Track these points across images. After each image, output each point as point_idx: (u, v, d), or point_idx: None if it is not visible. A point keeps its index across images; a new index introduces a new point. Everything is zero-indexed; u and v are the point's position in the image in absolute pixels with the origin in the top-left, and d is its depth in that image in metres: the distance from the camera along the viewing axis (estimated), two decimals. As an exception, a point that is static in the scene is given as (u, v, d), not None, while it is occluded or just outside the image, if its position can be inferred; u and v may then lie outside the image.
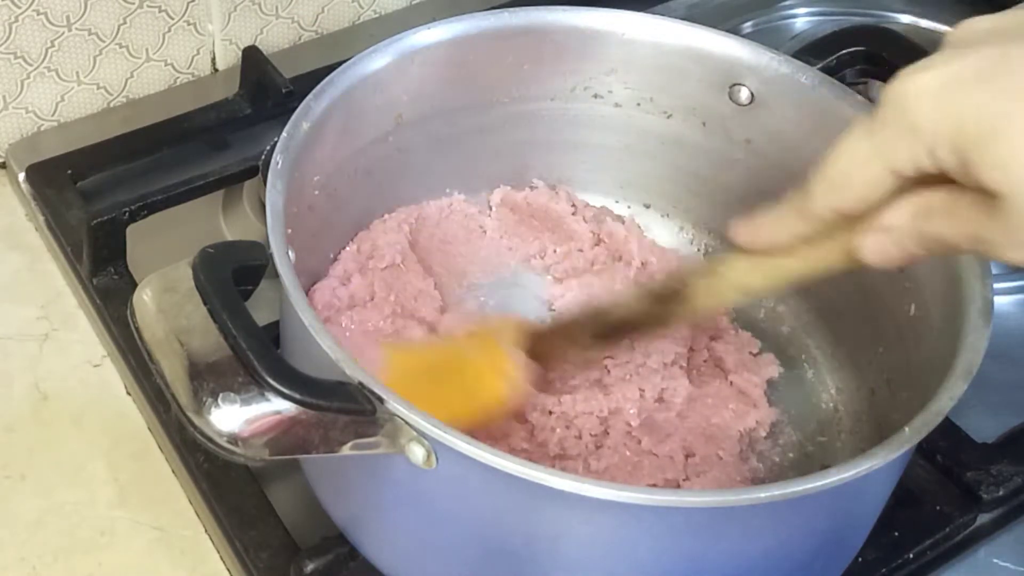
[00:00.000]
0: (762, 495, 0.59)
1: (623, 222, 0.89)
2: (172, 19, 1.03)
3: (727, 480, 0.75)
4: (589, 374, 0.79)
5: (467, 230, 0.88)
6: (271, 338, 0.64)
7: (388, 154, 0.82)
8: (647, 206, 0.90)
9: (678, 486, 0.74)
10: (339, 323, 0.79)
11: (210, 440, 0.58)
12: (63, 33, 0.98)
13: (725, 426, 0.78)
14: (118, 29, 1.01)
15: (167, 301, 0.62)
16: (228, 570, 0.77)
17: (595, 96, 0.85)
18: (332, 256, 0.83)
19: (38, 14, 0.96)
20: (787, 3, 1.17)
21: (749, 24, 1.14)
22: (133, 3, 1.00)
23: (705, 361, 0.82)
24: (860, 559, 0.74)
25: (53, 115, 1.03)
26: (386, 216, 0.85)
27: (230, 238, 0.96)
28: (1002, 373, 0.83)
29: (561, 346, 0.76)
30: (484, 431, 0.73)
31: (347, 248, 0.84)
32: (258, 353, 0.59)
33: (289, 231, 0.68)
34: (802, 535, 0.66)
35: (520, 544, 0.63)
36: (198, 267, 0.62)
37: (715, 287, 0.68)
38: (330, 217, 0.80)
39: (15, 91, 0.99)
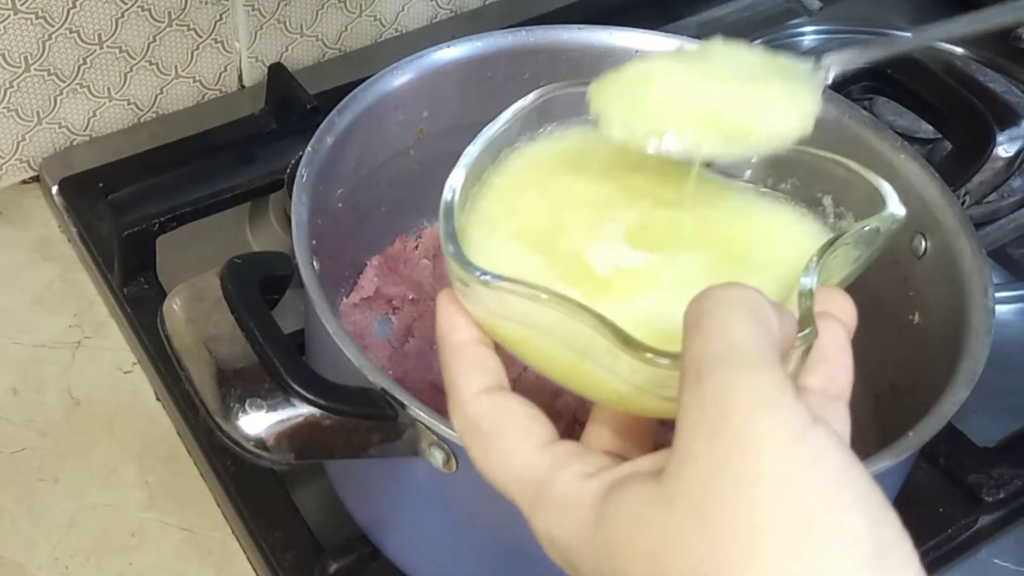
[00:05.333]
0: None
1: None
2: (200, 37, 1.04)
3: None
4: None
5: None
6: (296, 346, 0.65)
7: (409, 168, 0.83)
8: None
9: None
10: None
11: (237, 444, 0.59)
12: (95, 51, 0.99)
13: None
14: (148, 47, 1.02)
15: (196, 310, 0.62)
16: (254, 570, 0.78)
17: (610, 111, 0.86)
18: (356, 266, 0.85)
19: (71, 32, 0.97)
20: (795, 22, 1.18)
21: (758, 42, 1.13)
22: (163, 21, 1.01)
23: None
24: (864, 560, 0.75)
25: (85, 130, 1.04)
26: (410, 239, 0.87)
27: (256, 249, 0.96)
28: (1003, 379, 0.83)
29: None
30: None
31: (371, 261, 0.85)
32: (284, 360, 0.59)
33: (314, 242, 0.69)
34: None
35: (537, 546, 0.63)
36: (226, 277, 0.63)
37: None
38: (354, 229, 0.81)
39: (48, 107, 1.00)
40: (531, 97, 0.58)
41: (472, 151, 0.55)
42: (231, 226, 0.98)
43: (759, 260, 0.54)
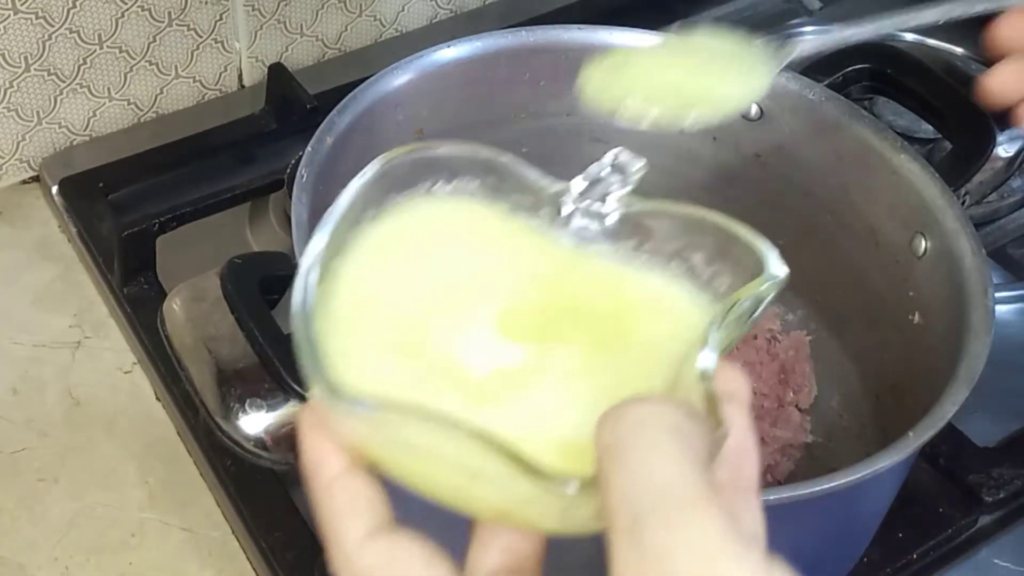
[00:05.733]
0: (771, 498, 0.60)
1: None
2: (200, 37, 1.04)
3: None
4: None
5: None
6: None
7: (409, 168, 0.83)
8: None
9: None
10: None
11: (237, 444, 0.59)
12: (95, 51, 1.00)
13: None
14: (148, 47, 1.02)
15: (196, 310, 0.63)
16: (254, 570, 0.78)
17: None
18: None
19: (71, 32, 0.97)
20: (795, 22, 1.18)
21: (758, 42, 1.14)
22: (163, 22, 1.01)
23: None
24: (865, 559, 0.75)
25: (85, 130, 1.04)
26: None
27: (256, 249, 0.96)
28: (1003, 379, 0.83)
29: None
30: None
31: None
32: (284, 360, 0.59)
33: (314, 242, 0.69)
34: (809, 536, 0.67)
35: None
36: (226, 277, 0.63)
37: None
38: None
39: (48, 107, 1.00)
40: (372, 167, 0.51)
41: (319, 242, 0.48)
42: (231, 226, 0.98)
43: (638, 338, 0.50)
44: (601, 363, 0.48)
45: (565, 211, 0.52)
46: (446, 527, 0.43)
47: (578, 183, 0.52)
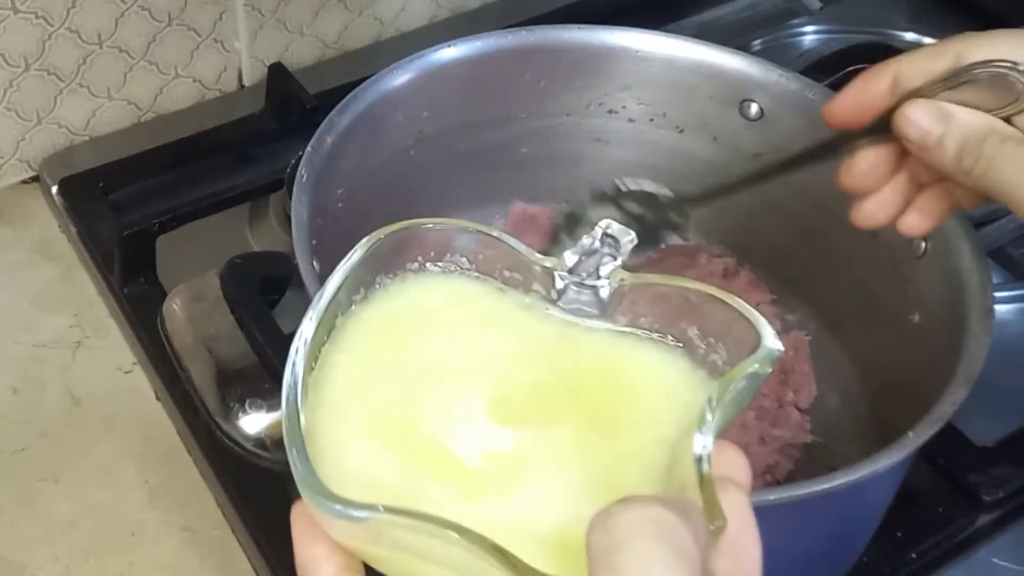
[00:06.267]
0: (771, 497, 0.60)
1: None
2: (200, 37, 1.04)
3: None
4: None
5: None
6: None
7: (409, 168, 0.83)
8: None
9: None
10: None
11: (237, 444, 0.59)
12: (95, 51, 0.99)
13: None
14: (148, 47, 1.02)
15: (196, 310, 0.63)
16: (254, 569, 0.78)
17: (609, 111, 0.86)
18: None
19: (71, 32, 0.97)
20: (795, 22, 1.18)
21: (758, 42, 1.14)
22: (162, 21, 1.01)
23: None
24: (864, 558, 0.75)
25: (85, 130, 1.04)
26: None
27: (256, 249, 0.96)
28: (1002, 379, 0.82)
29: None
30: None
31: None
32: (284, 360, 0.59)
33: (314, 242, 0.69)
34: (809, 535, 0.67)
35: None
36: (226, 277, 0.63)
37: None
38: (354, 228, 0.78)
39: (48, 107, 1.00)
40: (359, 249, 0.50)
41: (307, 329, 0.47)
42: (231, 226, 0.98)
43: (633, 417, 0.49)
44: (595, 446, 0.48)
45: (558, 286, 0.51)
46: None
47: (570, 257, 0.51)
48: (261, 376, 0.60)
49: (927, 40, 1.13)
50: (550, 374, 0.51)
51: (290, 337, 0.45)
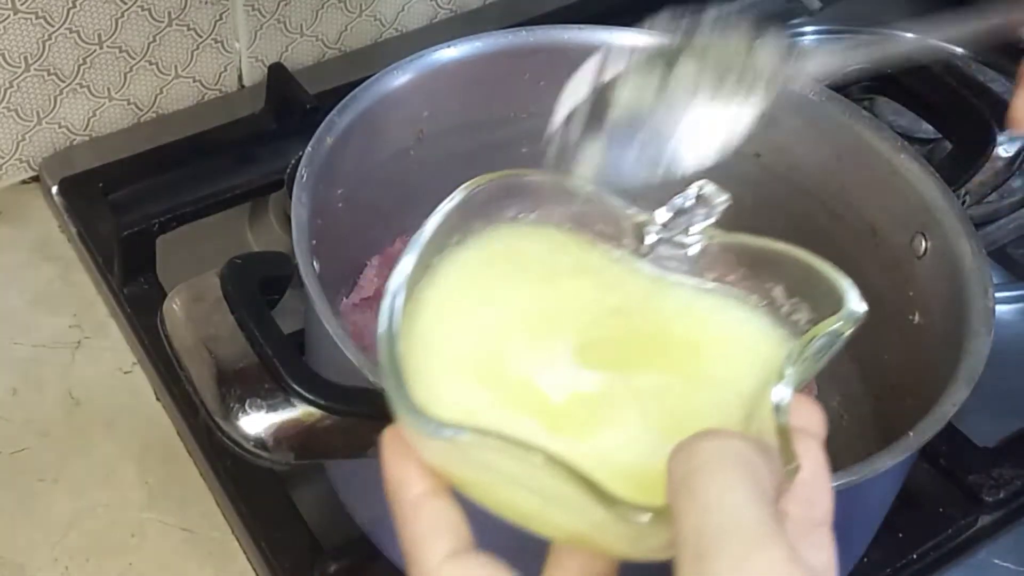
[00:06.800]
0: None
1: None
2: (200, 37, 1.04)
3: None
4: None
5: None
6: (296, 346, 0.65)
7: (410, 168, 0.83)
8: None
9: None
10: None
11: (237, 444, 0.59)
12: (95, 51, 1.00)
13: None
14: (148, 47, 1.02)
15: (196, 310, 0.63)
16: (254, 570, 0.78)
17: (610, 111, 0.86)
18: (356, 267, 0.85)
19: (71, 32, 0.97)
20: (795, 22, 1.17)
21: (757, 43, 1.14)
22: (163, 21, 1.01)
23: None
24: (866, 559, 0.75)
25: (85, 130, 1.04)
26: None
27: (256, 249, 0.96)
28: (1003, 379, 0.82)
29: None
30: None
31: (371, 262, 0.85)
32: (284, 360, 0.59)
33: (314, 242, 0.69)
34: (809, 536, 0.68)
35: (541, 544, 0.64)
36: (226, 277, 0.63)
37: None
38: (354, 229, 0.81)
39: (48, 107, 1.00)
40: (459, 193, 0.52)
41: (406, 265, 0.49)
42: (231, 226, 0.98)
43: (715, 370, 0.50)
44: (677, 393, 0.49)
45: (648, 241, 0.53)
46: (522, 553, 0.44)
47: (662, 214, 0.52)
48: (261, 376, 0.60)
49: (928, 40, 1.13)
50: (636, 324, 0.52)
51: (290, 337, 0.45)
